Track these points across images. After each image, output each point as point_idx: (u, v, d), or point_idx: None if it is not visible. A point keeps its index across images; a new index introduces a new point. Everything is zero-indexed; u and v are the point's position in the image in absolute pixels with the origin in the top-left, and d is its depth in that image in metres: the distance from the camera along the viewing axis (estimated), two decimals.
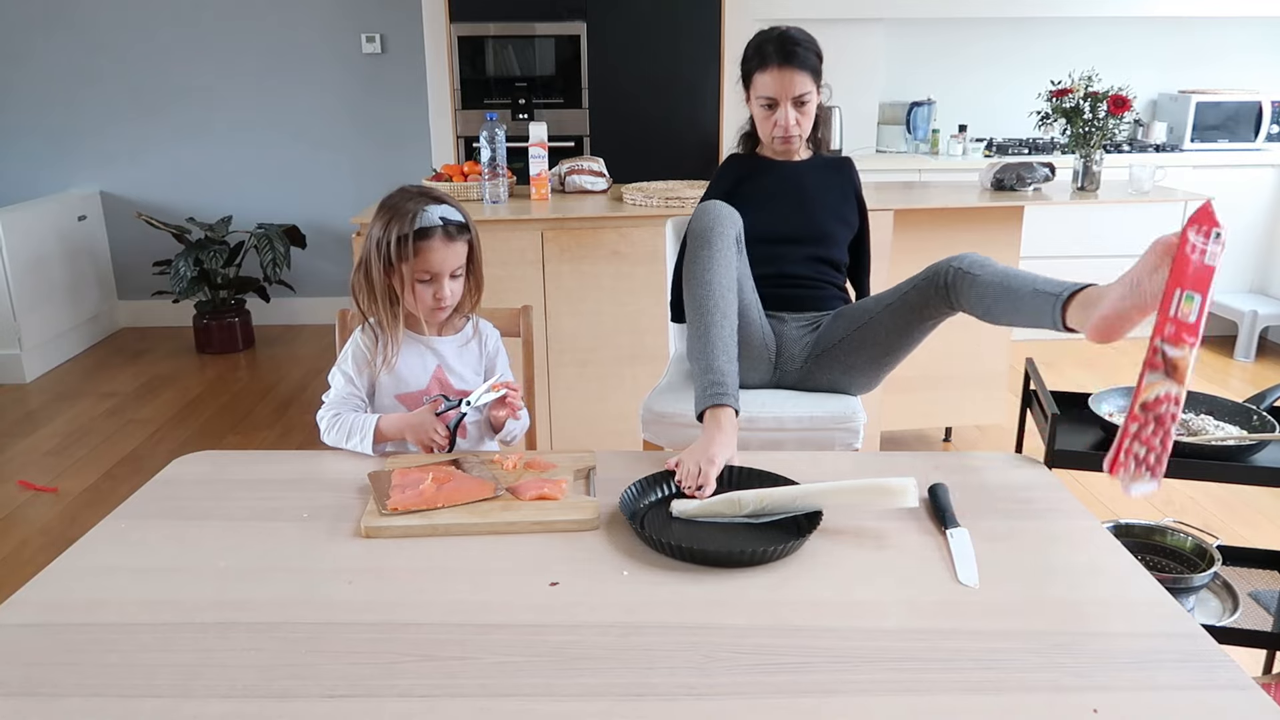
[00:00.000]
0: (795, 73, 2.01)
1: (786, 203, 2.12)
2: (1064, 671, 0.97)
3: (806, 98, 2.04)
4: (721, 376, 1.67)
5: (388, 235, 1.60)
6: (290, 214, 4.90)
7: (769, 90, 2.04)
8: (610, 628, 1.05)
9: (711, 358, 1.70)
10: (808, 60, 2.02)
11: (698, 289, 1.78)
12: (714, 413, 1.61)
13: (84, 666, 0.99)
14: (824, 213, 2.13)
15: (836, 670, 0.98)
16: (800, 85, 2.02)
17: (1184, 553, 1.75)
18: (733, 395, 1.65)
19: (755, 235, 2.09)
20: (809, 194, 2.13)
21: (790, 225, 2.10)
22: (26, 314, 4.16)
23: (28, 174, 4.83)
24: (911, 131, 4.71)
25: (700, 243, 1.81)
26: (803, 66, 2.01)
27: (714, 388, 1.65)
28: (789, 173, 2.15)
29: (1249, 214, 4.49)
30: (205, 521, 1.32)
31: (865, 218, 2.22)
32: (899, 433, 3.48)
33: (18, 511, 2.93)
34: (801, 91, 2.03)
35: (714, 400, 1.63)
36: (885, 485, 1.26)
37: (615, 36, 4.09)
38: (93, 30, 4.65)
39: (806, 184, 2.14)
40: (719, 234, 1.81)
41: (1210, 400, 1.72)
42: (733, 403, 1.63)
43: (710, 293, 1.76)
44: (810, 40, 2.05)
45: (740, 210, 2.12)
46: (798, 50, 2.01)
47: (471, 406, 1.62)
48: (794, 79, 2.01)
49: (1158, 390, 0.96)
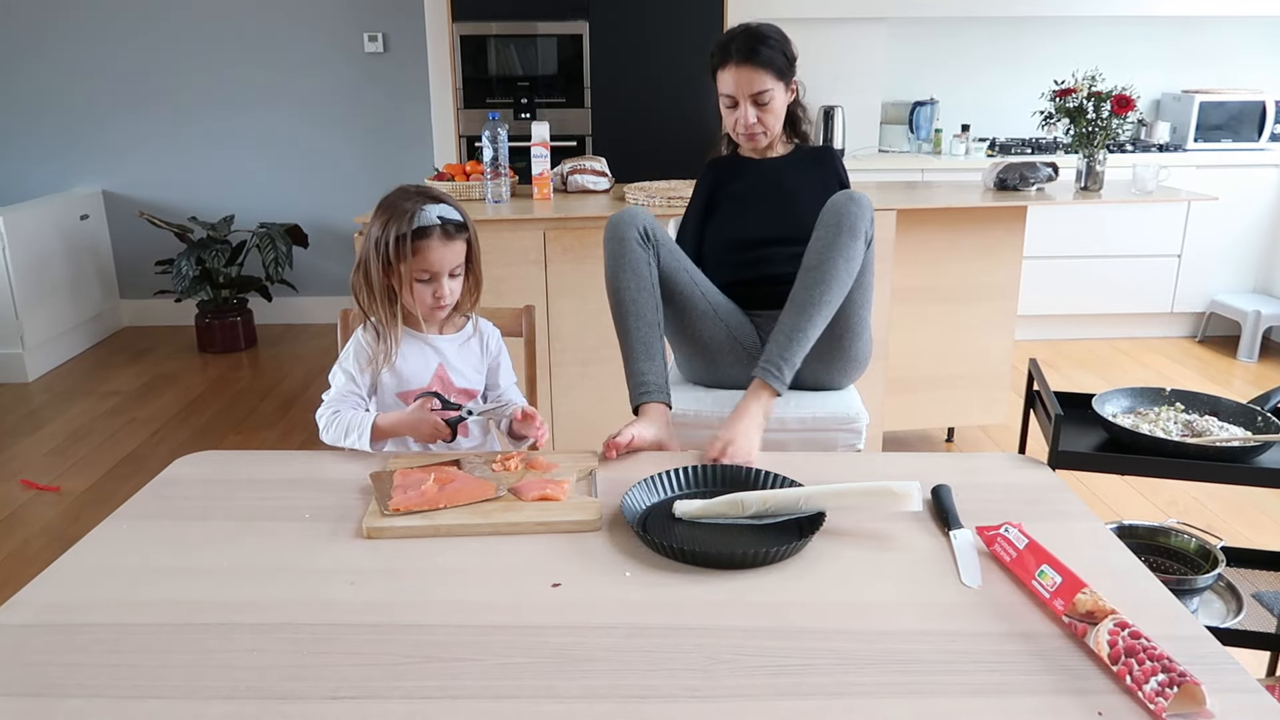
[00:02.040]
0: (755, 71, 1.99)
1: (766, 204, 2.11)
2: (1069, 674, 0.97)
3: (766, 95, 2.02)
4: (643, 377, 1.79)
5: (386, 235, 1.60)
6: (292, 213, 4.90)
7: (728, 88, 2.04)
8: (613, 629, 1.05)
9: (632, 360, 1.82)
10: (770, 58, 2.00)
11: (610, 297, 1.87)
12: (639, 411, 1.75)
13: (85, 667, 0.99)
14: (806, 209, 2.09)
15: (840, 672, 0.97)
16: (759, 83, 2.00)
17: (1188, 554, 1.75)
18: (656, 390, 1.77)
19: (738, 240, 2.09)
20: (788, 192, 2.11)
21: (772, 226, 2.09)
22: (29, 313, 4.17)
23: (31, 172, 4.83)
24: (914, 131, 4.71)
25: (607, 251, 1.88)
26: (763, 64, 1.99)
27: (636, 388, 1.79)
28: (767, 171, 2.14)
29: (1252, 214, 4.48)
30: (207, 522, 1.32)
31: None
32: (901, 433, 3.47)
33: (19, 510, 2.94)
34: (760, 89, 2.01)
35: (637, 399, 1.77)
36: (889, 489, 1.26)
37: (618, 36, 4.09)
38: (96, 30, 4.65)
39: (786, 181, 2.12)
40: (620, 237, 1.86)
41: (1214, 401, 1.71)
42: (656, 398, 1.76)
43: (620, 299, 1.85)
44: (779, 38, 2.03)
45: (721, 217, 2.14)
46: (760, 48, 1.99)
47: (473, 416, 1.62)
48: (753, 77, 2.00)
49: (1103, 638, 0.97)
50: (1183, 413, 1.72)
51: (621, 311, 1.82)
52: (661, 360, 1.78)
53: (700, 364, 2.07)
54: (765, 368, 1.73)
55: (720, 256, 2.11)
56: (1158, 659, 0.93)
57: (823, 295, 1.75)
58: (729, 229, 2.12)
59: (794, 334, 1.74)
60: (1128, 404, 1.76)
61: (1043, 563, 1.11)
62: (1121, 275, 4.53)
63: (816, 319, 1.75)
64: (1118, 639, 0.96)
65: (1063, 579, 1.07)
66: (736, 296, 2.05)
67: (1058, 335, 4.69)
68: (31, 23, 4.63)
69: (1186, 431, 1.65)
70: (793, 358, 1.74)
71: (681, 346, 2.07)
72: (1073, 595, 1.04)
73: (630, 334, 1.81)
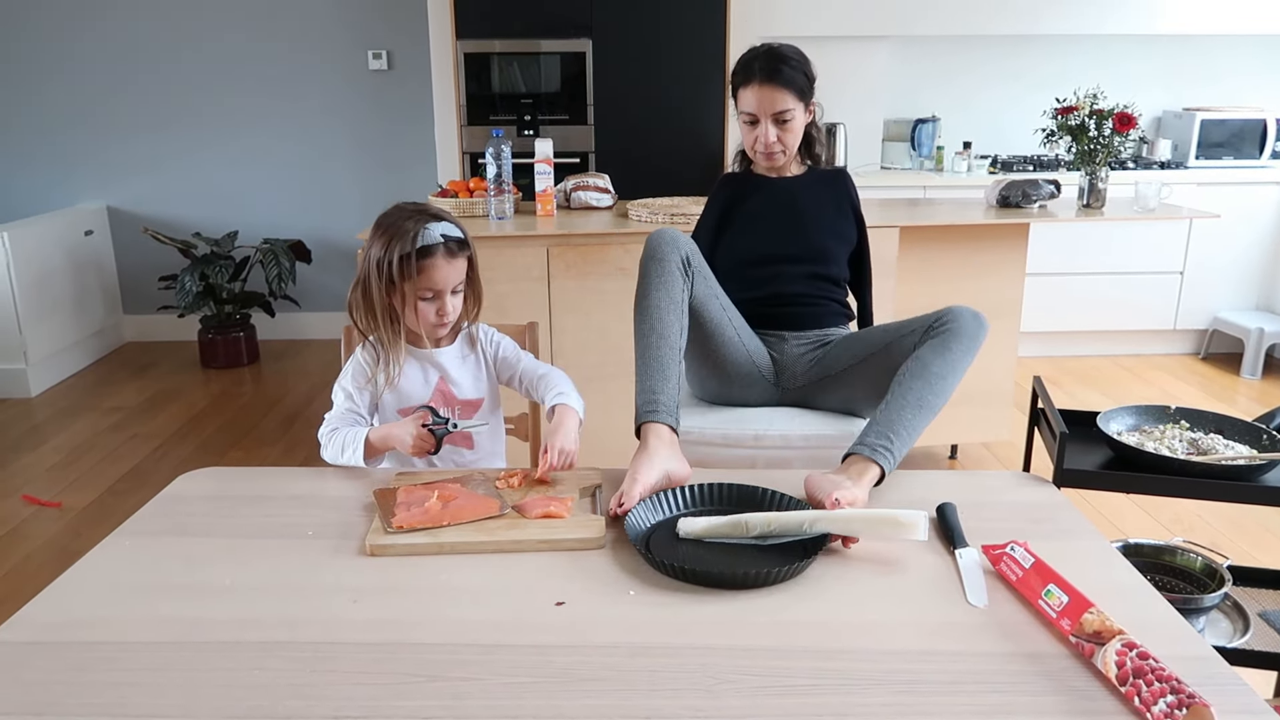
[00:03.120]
0: (777, 90, 2.01)
1: (780, 222, 2.12)
2: (1076, 695, 0.96)
3: (788, 115, 2.03)
4: (653, 395, 1.70)
5: (389, 255, 1.59)
6: (296, 229, 4.91)
7: (750, 106, 2.05)
8: (616, 648, 1.04)
9: (645, 377, 1.73)
10: (792, 78, 2.01)
11: (638, 312, 1.82)
12: (645, 429, 1.63)
13: (87, 685, 0.98)
14: (819, 230, 2.12)
15: (845, 692, 0.97)
16: (781, 102, 2.02)
17: (1194, 573, 1.74)
18: (665, 412, 1.66)
19: (751, 257, 2.09)
20: (803, 211, 2.12)
21: (785, 245, 2.10)
22: (32, 328, 4.17)
23: (36, 189, 4.85)
24: (916, 148, 4.72)
25: (644, 269, 1.84)
26: (785, 84, 2.01)
27: (644, 405, 1.69)
28: (781, 190, 2.15)
29: (1254, 231, 4.48)
30: (209, 539, 1.31)
31: (864, 231, 2.21)
32: None
33: (22, 526, 2.93)
34: (782, 109, 2.02)
35: (642, 418, 1.67)
36: (896, 518, 1.25)
37: (620, 53, 4.11)
38: (101, 48, 4.68)
39: (800, 201, 2.13)
40: (660, 258, 1.83)
41: (1219, 419, 1.71)
42: (663, 419, 1.65)
43: (646, 316, 1.80)
44: (799, 58, 2.05)
45: (735, 233, 2.14)
46: (782, 68, 2.01)
47: (458, 429, 1.61)
48: (775, 96, 2.01)
49: (1111, 658, 0.97)
50: (1188, 431, 1.71)
51: (645, 329, 1.79)
52: (676, 385, 1.74)
53: (715, 384, 2.07)
54: (874, 446, 1.55)
55: (732, 272, 2.11)
56: (1166, 680, 0.92)
57: (931, 391, 1.65)
58: (741, 246, 2.13)
59: (896, 422, 1.61)
60: (1132, 422, 1.76)
61: (1049, 582, 1.11)
62: (1124, 292, 4.53)
63: (921, 413, 1.64)
64: (1126, 659, 0.96)
65: (1069, 598, 1.06)
66: (746, 314, 2.05)
67: (1060, 352, 4.69)
68: (40, 43, 4.66)
69: (1192, 450, 1.64)
70: (898, 443, 1.57)
71: (701, 367, 2.06)
72: (1079, 615, 1.03)
73: (649, 350, 1.76)
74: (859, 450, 1.53)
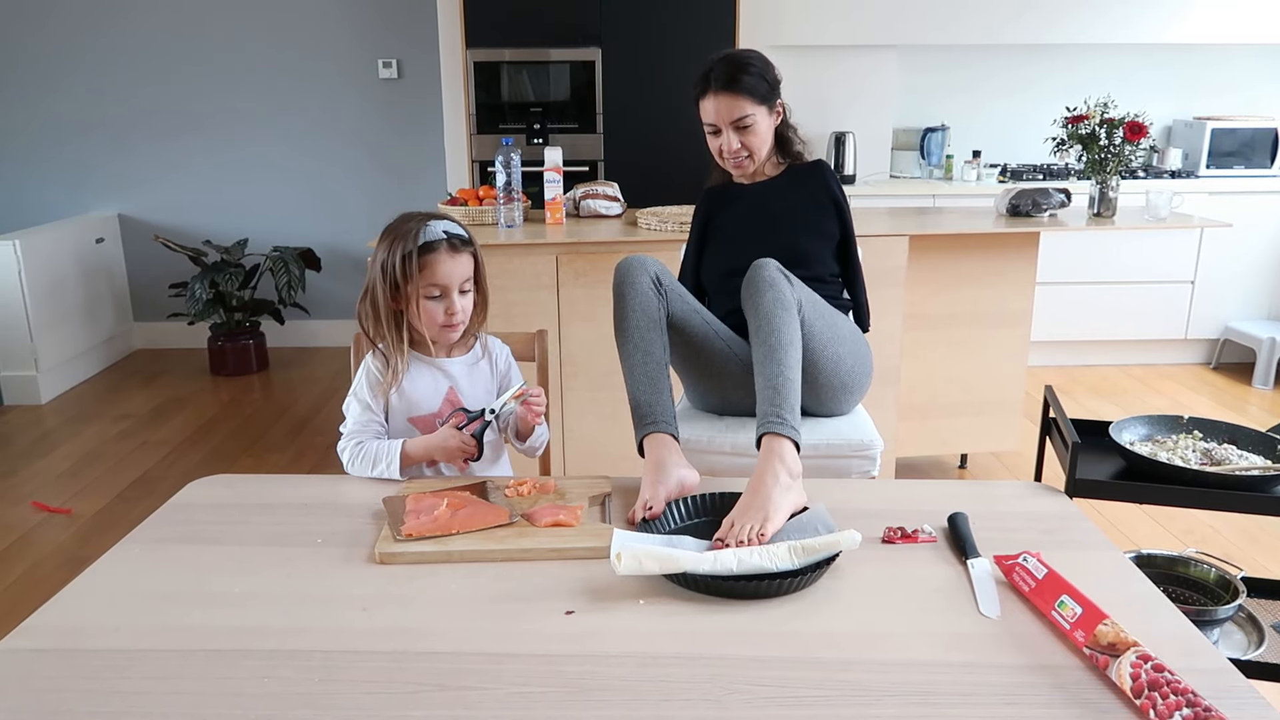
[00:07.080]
0: (734, 98, 2.00)
1: (755, 230, 2.10)
2: (1090, 708, 0.95)
3: (747, 120, 2.02)
4: (649, 409, 1.70)
5: (392, 256, 1.60)
6: (306, 237, 4.93)
7: (710, 116, 2.05)
8: (627, 658, 1.04)
9: (637, 393, 1.74)
10: (748, 84, 2.00)
11: (619, 335, 1.82)
12: (647, 442, 1.64)
13: (96, 693, 0.98)
14: (796, 231, 2.09)
15: (856, 704, 0.96)
16: (739, 110, 2.01)
17: (1207, 584, 1.72)
18: (664, 422, 1.67)
19: (731, 269, 2.06)
20: (776, 216, 2.10)
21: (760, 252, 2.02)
22: (43, 335, 4.19)
23: (48, 197, 4.87)
24: (925, 157, 4.71)
25: (617, 294, 1.85)
26: (741, 90, 2.00)
27: (643, 419, 1.70)
28: (754, 197, 2.14)
29: (1265, 240, 4.46)
30: (218, 546, 1.31)
31: (846, 220, 2.14)
32: (914, 459, 3.45)
33: (31, 533, 2.94)
34: (740, 115, 2.01)
35: (643, 431, 1.68)
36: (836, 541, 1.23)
37: (629, 62, 4.11)
38: (112, 56, 4.71)
39: (770, 204, 2.12)
40: (631, 281, 1.84)
41: (1233, 429, 1.70)
42: (664, 429, 1.66)
43: (628, 337, 1.80)
44: (759, 64, 2.03)
45: (715, 247, 2.14)
46: (739, 75, 2.00)
47: (496, 414, 1.62)
48: (732, 104, 2.01)
49: (1125, 671, 0.96)
50: (1201, 441, 1.70)
51: (629, 349, 1.79)
52: (669, 396, 1.73)
53: (715, 398, 2.06)
54: (765, 422, 1.57)
55: (716, 287, 2.13)
56: (1182, 693, 0.91)
57: (776, 339, 1.67)
58: (720, 261, 2.13)
59: (775, 381, 1.62)
60: (1145, 432, 1.75)
61: (1062, 593, 1.10)
62: (1135, 301, 4.51)
63: (786, 360, 1.65)
64: (1141, 672, 0.95)
65: (1083, 610, 1.06)
66: (735, 326, 2.04)
67: (1071, 361, 4.67)
68: (51, 50, 4.69)
69: (1205, 460, 1.63)
70: (787, 400, 1.60)
71: (698, 383, 2.06)
72: (1094, 626, 1.02)
73: (636, 368, 1.76)
74: (762, 431, 1.57)
